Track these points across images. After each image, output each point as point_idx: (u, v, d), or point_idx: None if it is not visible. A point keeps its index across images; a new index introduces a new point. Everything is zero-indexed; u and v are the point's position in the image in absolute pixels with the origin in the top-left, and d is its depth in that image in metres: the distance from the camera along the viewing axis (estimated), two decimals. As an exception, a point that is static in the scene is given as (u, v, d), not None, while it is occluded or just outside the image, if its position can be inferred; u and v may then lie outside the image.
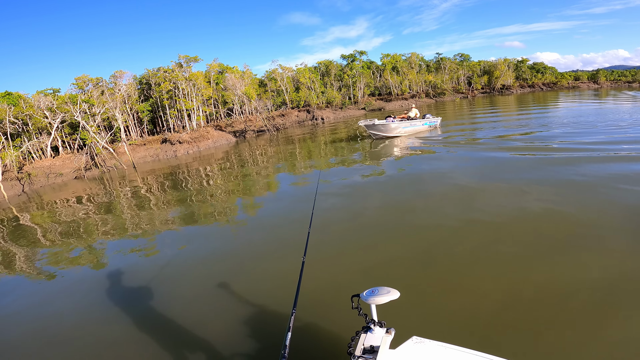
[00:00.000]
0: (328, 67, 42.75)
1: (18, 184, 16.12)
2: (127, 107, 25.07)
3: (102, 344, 3.67)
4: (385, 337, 1.88)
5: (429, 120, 17.10)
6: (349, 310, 2.16)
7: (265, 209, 7.99)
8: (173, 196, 10.27)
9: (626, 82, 64.37)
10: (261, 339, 3.37)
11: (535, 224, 5.10)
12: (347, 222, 6.13)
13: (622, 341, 2.84)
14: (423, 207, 6.48)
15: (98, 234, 7.68)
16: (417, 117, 17.06)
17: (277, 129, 29.00)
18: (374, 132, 15.71)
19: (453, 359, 1.82)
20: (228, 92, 30.67)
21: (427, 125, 17.12)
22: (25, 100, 20.83)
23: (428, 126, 17.15)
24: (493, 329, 3.12)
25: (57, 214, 10.22)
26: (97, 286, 4.99)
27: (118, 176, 16.32)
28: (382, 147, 14.17)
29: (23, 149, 18.62)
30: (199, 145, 22.90)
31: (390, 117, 16.31)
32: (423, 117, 17.17)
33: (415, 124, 16.57)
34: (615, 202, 5.64)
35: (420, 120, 16.86)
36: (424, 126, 16.99)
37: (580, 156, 8.83)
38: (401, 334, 2.06)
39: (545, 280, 3.72)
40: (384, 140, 15.55)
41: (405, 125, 16.15)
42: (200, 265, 5.24)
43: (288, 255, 5.10)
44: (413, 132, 16.50)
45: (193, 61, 28.99)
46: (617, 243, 4.35)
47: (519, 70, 58.64)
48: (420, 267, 4.34)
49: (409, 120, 16.52)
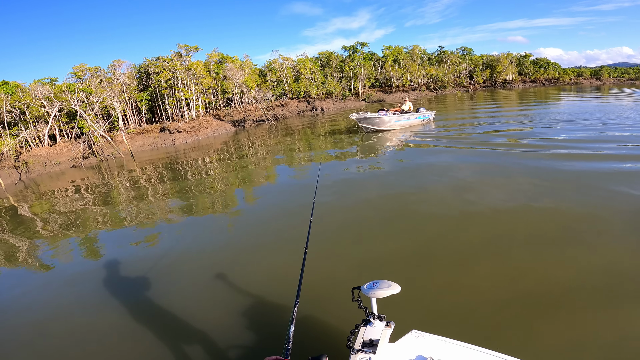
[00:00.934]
0: (329, 58, 42.28)
1: (15, 172, 16.02)
2: (125, 96, 24.81)
3: (101, 335, 3.66)
4: (384, 331, 1.86)
5: (422, 114, 16.80)
6: (347, 303, 2.14)
7: (264, 200, 7.95)
8: (171, 186, 10.21)
9: (629, 80, 63.88)
10: (260, 330, 3.36)
11: (534, 220, 5.08)
12: (345, 214, 6.11)
13: (621, 339, 2.84)
14: (421, 201, 6.45)
15: (95, 224, 7.64)
16: (410, 110, 16.68)
17: (277, 119, 28.81)
18: (365, 126, 15.38)
19: (452, 353, 1.81)
20: (228, 82, 30.36)
21: (421, 119, 16.83)
22: (22, 89, 20.54)
23: (422, 120, 16.88)
24: (492, 324, 3.11)
25: (54, 203, 10.17)
26: (94, 277, 4.97)
27: (116, 165, 16.22)
28: (374, 140, 13.90)
29: (20, 137, 18.46)
30: (198, 135, 22.75)
31: (382, 110, 15.92)
32: (417, 111, 16.87)
33: (408, 118, 16.23)
34: (612, 200, 5.63)
35: (413, 114, 16.53)
36: (417, 120, 16.70)
37: (573, 153, 8.81)
38: (401, 327, 2.04)
39: (546, 274, 3.71)
40: (377, 133, 15.28)
41: (398, 119, 15.84)
42: (199, 256, 5.21)
43: (287, 246, 5.09)
44: (406, 126, 16.20)
45: (193, 50, 28.58)
46: (615, 239, 4.34)
47: (522, 65, 58.17)
48: (419, 260, 4.33)
49: (402, 114, 16.15)
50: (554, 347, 2.78)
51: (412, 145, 12.22)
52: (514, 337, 2.93)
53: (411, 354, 1.81)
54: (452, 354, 1.80)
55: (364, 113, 15.26)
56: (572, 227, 4.77)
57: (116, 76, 25.35)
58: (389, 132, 15.43)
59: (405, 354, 1.81)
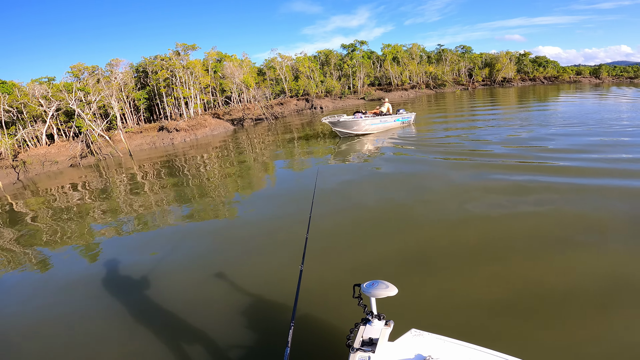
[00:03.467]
0: (328, 57, 42.24)
1: (13, 172, 15.95)
2: (123, 95, 24.72)
3: (99, 337, 3.62)
4: (384, 330, 1.85)
5: (401, 116, 15.80)
6: (347, 303, 2.12)
7: (263, 201, 7.92)
8: (169, 186, 10.18)
9: (628, 78, 63.95)
10: (259, 332, 3.34)
11: (531, 223, 5.03)
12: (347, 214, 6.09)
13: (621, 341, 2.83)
14: (424, 202, 6.44)
15: (94, 224, 7.61)
16: (389, 112, 15.63)
17: (276, 118, 28.76)
18: (340, 130, 14.10)
19: (452, 352, 1.80)
20: (226, 81, 30.30)
21: (400, 122, 15.84)
22: (19, 88, 20.47)
23: (401, 122, 15.89)
24: (491, 324, 3.10)
25: (52, 203, 10.14)
26: (92, 279, 4.93)
27: (114, 164, 16.17)
28: (348, 146, 12.78)
29: (18, 136, 18.38)
30: (197, 133, 22.70)
31: (358, 113, 14.78)
32: (397, 112, 15.87)
33: (386, 121, 15.16)
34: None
35: (392, 116, 15.46)
36: (396, 122, 15.69)
37: (559, 156, 8.76)
38: (400, 326, 2.03)
39: (542, 277, 3.69)
40: (354, 138, 14.14)
41: (374, 122, 14.70)
42: (198, 258, 5.18)
43: (286, 248, 5.07)
44: (384, 129, 15.13)
45: (191, 49, 28.51)
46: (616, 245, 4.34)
47: (521, 64, 58.20)
48: (419, 261, 4.32)
49: (379, 117, 15.04)
50: (553, 346, 2.77)
51: (383, 154, 11.15)
52: (512, 338, 2.92)
53: (410, 352, 1.80)
54: (451, 353, 1.79)
55: (338, 116, 14.12)
56: (575, 231, 4.75)
57: (114, 75, 25.26)
58: (366, 136, 14.33)
59: (405, 353, 1.80)
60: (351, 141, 13.65)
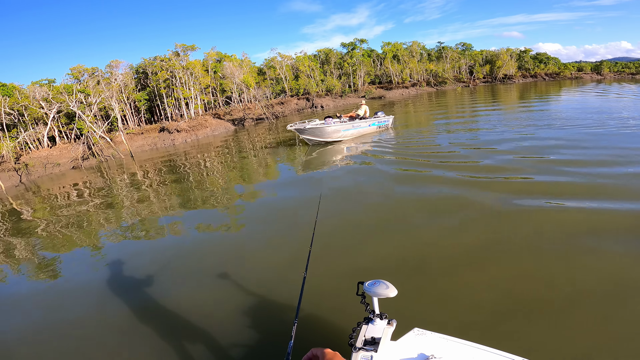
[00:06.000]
0: (328, 55, 42.16)
1: (15, 174, 16.01)
2: (123, 97, 24.76)
3: (103, 335, 3.64)
4: (386, 329, 1.85)
5: (377, 120, 14.55)
6: (349, 302, 2.11)
7: (266, 199, 7.93)
8: (172, 188, 10.20)
9: (629, 74, 63.57)
10: (262, 329, 3.34)
11: (531, 225, 4.97)
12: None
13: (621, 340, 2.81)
14: (421, 207, 6.42)
15: (97, 224, 7.64)
16: (366, 115, 14.45)
17: (276, 117, 28.75)
18: (308, 138, 12.64)
19: (454, 351, 1.79)
20: (226, 81, 30.30)
21: (376, 126, 14.56)
22: (20, 91, 20.52)
23: (377, 127, 14.59)
24: (494, 323, 3.09)
25: (55, 205, 10.17)
26: (96, 278, 4.96)
27: (116, 165, 16.21)
28: (315, 155, 11.59)
29: (19, 139, 18.44)
30: (197, 134, 22.72)
31: (329, 118, 13.32)
32: (374, 115, 14.78)
33: (359, 126, 13.82)
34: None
35: (366, 121, 14.16)
36: (372, 127, 14.38)
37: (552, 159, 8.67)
38: (403, 325, 2.02)
39: (545, 278, 3.67)
40: (325, 145, 12.82)
41: (346, 128, 13.26)
42: (201, 256, 5.20)
43: (290, 246, 5.07)
44: (358, 135, 13.89)
45: (190, 50, 28.52)
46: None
47: (522, 60, 57.91)
48: (420, 262, 4.31)
49: (352, 122, 13.65)
50: (554, 346, 2.76)
51: (351, 163, 10.07)
52: (515, 337, 2.91)
53: (413, 352, 1.79)
54: (454, 352, 1.77)
55: (305, 122, 12.76)
56: (576, 233, 4.71)
57: (114, 76, 25.30)
58: (337, 143, 13.02)
59: (407, 352, 1.79)
60: (322, 148, 12.47)
